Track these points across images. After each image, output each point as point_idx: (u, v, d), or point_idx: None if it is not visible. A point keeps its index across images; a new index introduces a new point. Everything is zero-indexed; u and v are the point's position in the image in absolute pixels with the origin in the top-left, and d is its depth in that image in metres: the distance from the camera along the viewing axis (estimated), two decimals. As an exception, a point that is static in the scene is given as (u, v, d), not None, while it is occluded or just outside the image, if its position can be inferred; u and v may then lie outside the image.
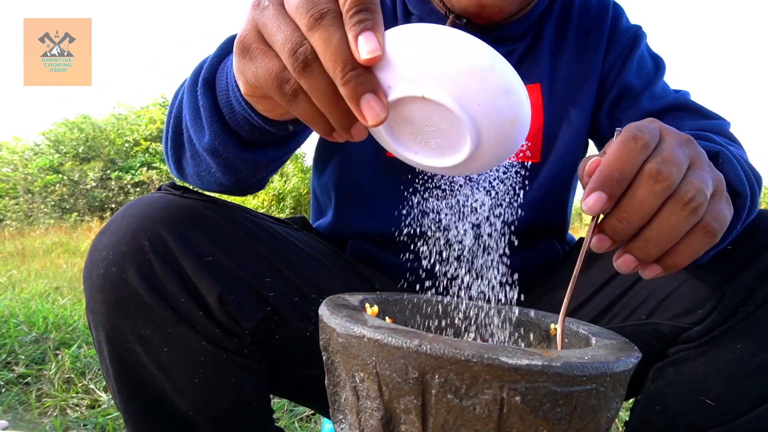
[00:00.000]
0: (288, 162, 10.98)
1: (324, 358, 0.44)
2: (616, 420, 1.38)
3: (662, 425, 0.72)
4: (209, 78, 0.60)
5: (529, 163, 0.88)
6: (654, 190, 0.44)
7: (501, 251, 0.89)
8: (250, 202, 10.30)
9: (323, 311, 0.44)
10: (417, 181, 0.88)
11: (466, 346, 0.35)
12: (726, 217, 0.48)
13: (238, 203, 0.80)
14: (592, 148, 0.99)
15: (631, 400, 0.81)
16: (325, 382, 0.44)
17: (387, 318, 0.54)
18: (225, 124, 0.60)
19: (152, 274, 0.64)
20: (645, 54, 0.92)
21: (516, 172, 0.88)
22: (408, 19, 0.90)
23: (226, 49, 0.62)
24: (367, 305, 0.51)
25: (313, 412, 1.48)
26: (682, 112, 0.85)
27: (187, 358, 0.67)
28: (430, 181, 0.87)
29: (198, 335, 0.67)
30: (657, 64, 0.91)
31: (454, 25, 0.84)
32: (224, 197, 0.78)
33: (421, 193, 0.88)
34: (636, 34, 0.91)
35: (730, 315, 0.66)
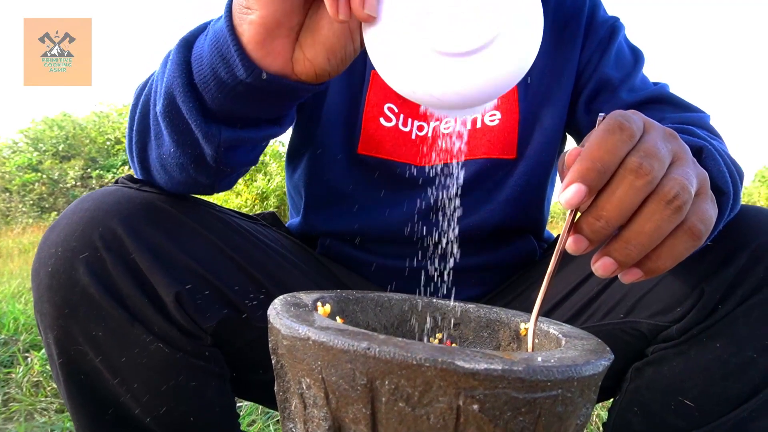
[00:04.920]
0: (272, 161, 10.92)
1: (273, 361, 0.41)
2: (596, 420, 1.37)
3: (641, 426, 0.71)
4: (189, 38, 0.57)
5: (505, 159, 0.86)
6: (634, 185, 0.40)
7: (476, 248, 0.87)
8: (233, 201, 10.18)
9: (271, 311, 0.41)
10: (387, 178, 0.85)
11: (419, 349, 0.31)
12: (711, 218, 0.44)
13: (205, 199, 0.76)
14: (570, 143, 0.97)
15: (609, 401, 0.80)
16: (275, 388, 0.41)
17: (338, 318, 0.50)
18: (190, 81, 0.55)
19: (104, 272, 0.61)
20: (623, 46, 0.90)
21: (492, 169, 0.86)
22: None
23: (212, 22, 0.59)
24: (319, 304, 0.47)
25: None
26: (662, 104, 0.83)
27: (142, 361, 0.63)
28: (400, 178, 0.84)
29: (154, 337, 0.63)
30: (636, 56, 0.89)
31: None
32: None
33: (392, 190, 0.85)
34: (614, 26, 0.89)
35: (710, 313, 0.64)
